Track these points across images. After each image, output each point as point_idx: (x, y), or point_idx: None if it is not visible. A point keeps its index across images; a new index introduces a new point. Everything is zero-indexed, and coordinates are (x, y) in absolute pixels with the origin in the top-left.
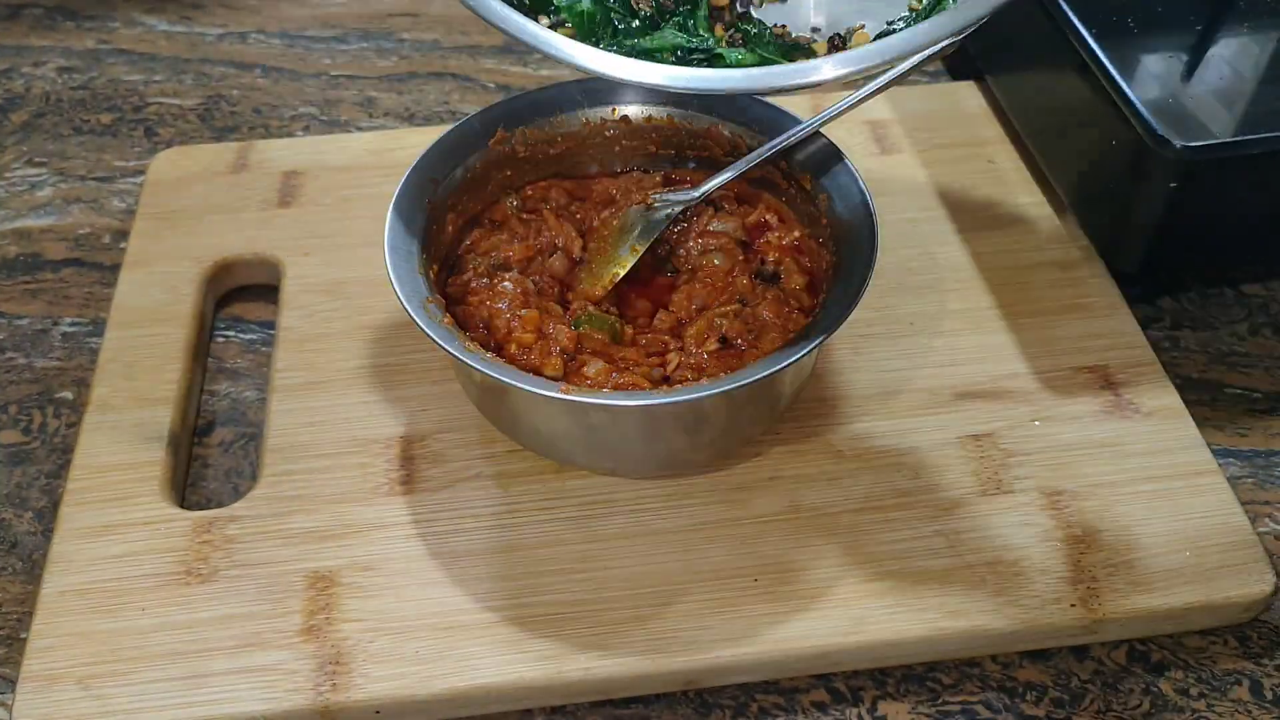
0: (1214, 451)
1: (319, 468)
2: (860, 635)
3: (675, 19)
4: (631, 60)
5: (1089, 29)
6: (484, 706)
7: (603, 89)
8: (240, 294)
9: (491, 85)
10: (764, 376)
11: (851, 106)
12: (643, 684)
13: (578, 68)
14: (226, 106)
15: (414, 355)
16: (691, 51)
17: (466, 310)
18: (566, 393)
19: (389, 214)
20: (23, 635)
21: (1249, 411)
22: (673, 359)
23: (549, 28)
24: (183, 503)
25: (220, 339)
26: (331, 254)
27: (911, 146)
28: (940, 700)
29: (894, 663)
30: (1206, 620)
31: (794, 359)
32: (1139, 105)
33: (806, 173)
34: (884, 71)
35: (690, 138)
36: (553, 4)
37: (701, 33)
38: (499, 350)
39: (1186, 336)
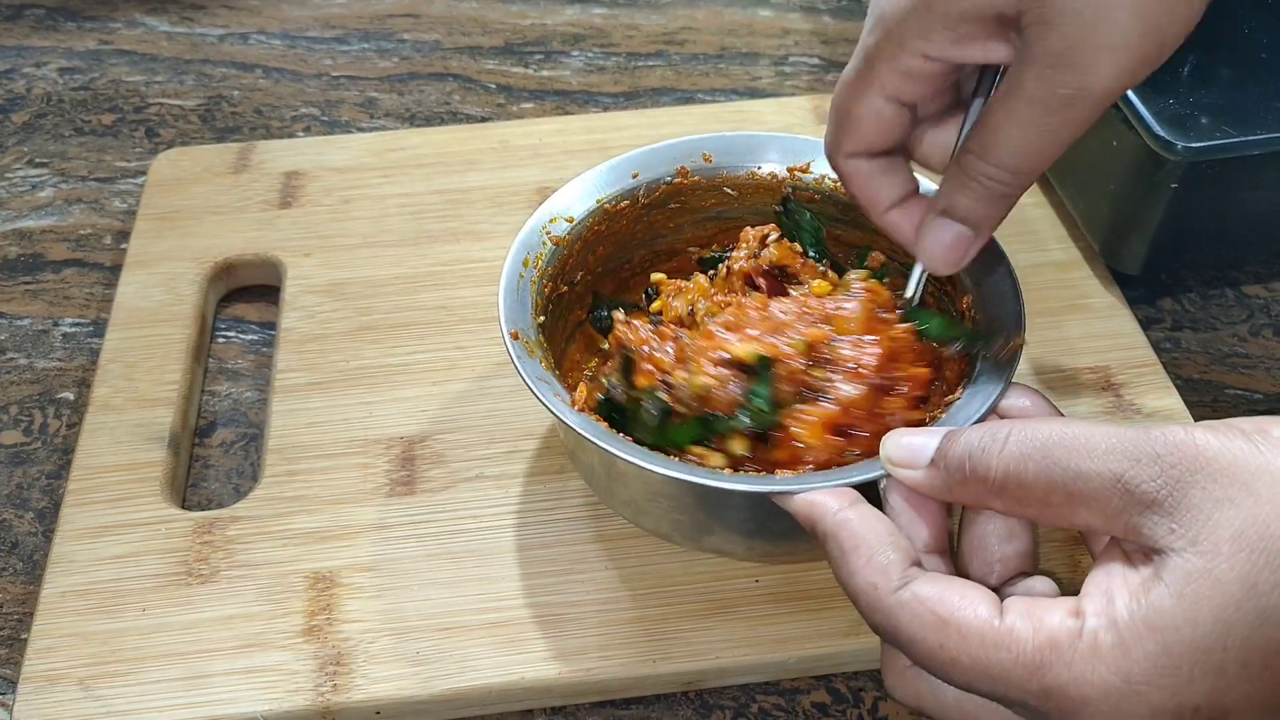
0: None
1: (320, 468)
2: (860, 636)
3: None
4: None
5: None
6: (484, 707)
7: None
8: (241, 295)
9: (492, 86)
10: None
11: None
12: (643, 685)
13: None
14: (227, 107)
15: (414, 355)
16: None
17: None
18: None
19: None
20: (23, 636)
21: (1249, 413)
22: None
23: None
24: (183, 503)
25: (221, 340)
26: (332, 255)
27: None
28: None
29: None
30: None
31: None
32: (1139, 106)
33: (966, 293)
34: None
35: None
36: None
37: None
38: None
39: (1187, 337)
